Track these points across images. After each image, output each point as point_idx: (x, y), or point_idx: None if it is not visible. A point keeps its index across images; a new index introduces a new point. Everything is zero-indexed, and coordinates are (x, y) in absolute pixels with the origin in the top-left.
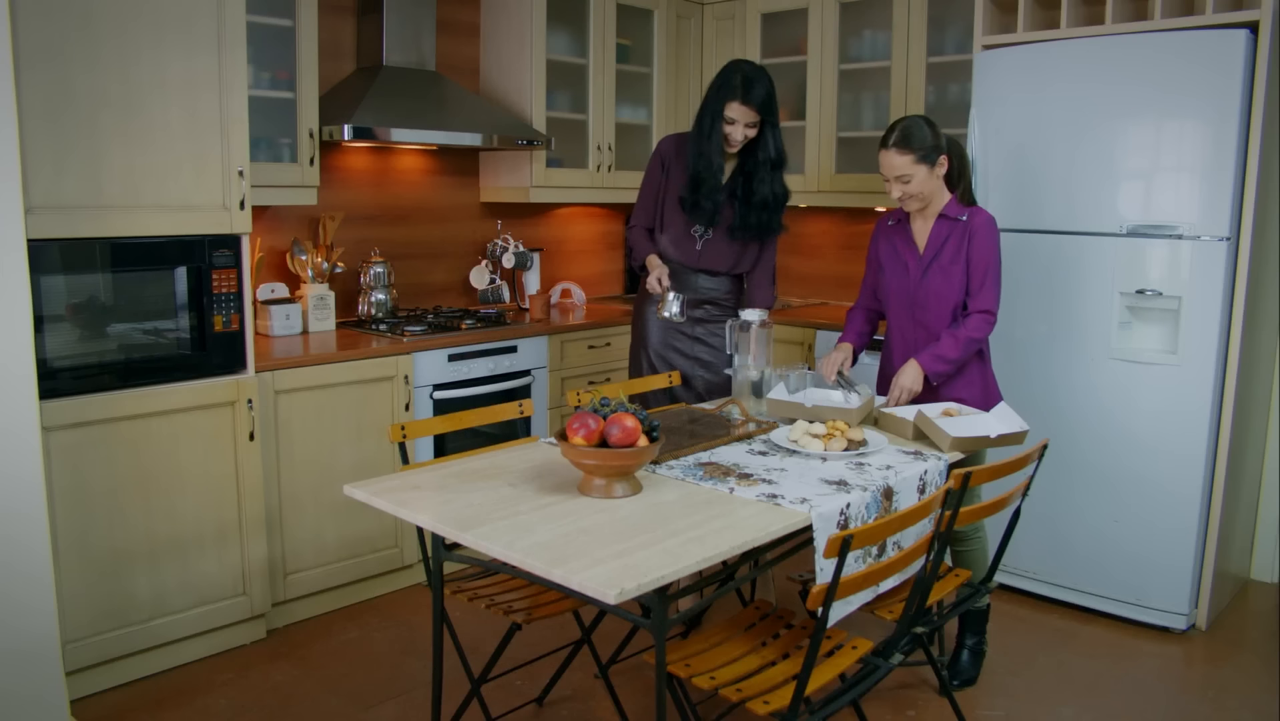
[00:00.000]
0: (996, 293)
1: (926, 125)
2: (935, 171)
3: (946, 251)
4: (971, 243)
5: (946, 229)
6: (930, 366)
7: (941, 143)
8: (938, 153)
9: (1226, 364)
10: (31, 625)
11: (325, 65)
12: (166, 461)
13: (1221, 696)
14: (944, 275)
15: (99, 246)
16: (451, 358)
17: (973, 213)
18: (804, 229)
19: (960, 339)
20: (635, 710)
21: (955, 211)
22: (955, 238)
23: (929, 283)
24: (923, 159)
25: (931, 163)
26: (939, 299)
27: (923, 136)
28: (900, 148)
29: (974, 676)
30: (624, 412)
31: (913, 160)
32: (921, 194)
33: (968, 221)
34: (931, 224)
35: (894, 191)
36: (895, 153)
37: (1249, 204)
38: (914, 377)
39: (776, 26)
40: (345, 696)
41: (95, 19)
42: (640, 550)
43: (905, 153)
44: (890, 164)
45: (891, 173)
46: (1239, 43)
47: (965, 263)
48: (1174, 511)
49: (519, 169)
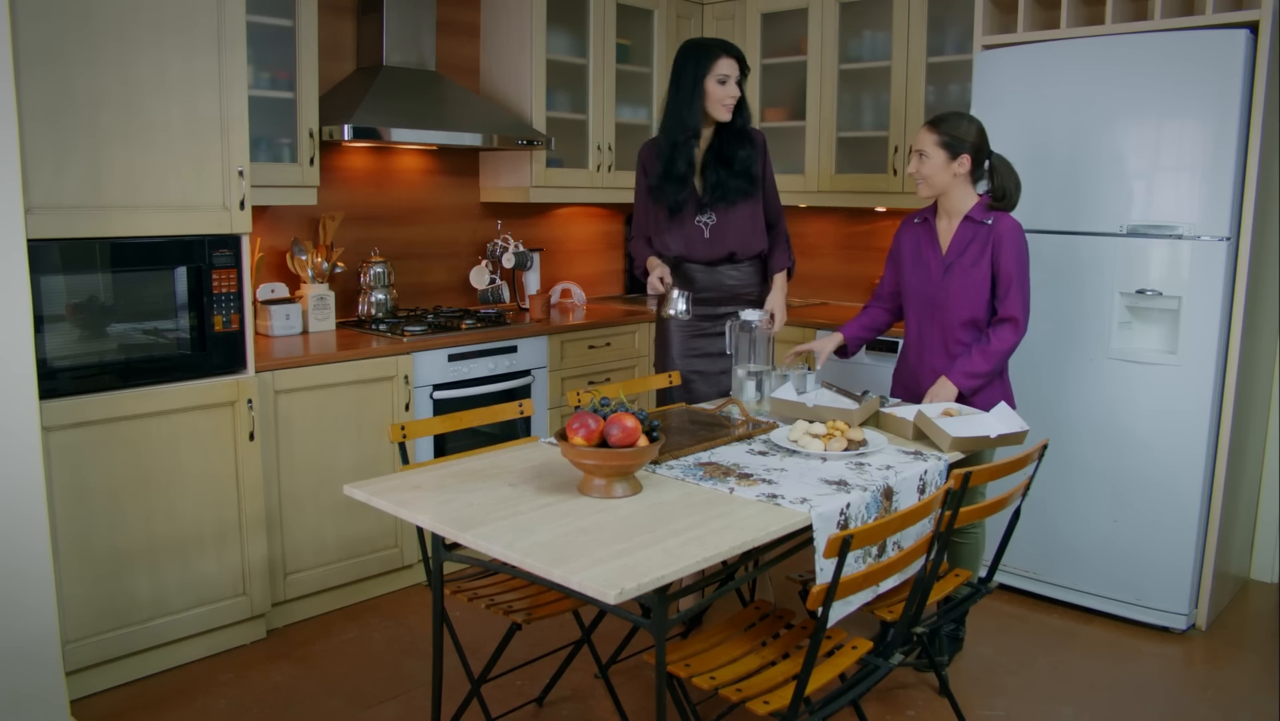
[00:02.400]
0: (1024, 300)
1: (968, 122)
2: (951, 165)
3: (969, 254)
4: (999, 250)
5: (970, 231)
6: (963, 384)
7: (977, 143)
8: (961, 146)
9: (1226, 364)
10: (31, 625)
11: (325, 65)
12: (166, 461)
13: (1221, 696)
14: (965, 277)
15: (99, 246)
16: (451, 358)
17: (998, 218)
18: (804, 229)
19: (990, 353)
20: (635, 710)
21: (981, 215)
22: (979, 241)
23: (949, 283)
24: (944, 145)
25: (952, 153)
26: (958, 300)
27: (956, 125)
28: (933, 125)
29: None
30: (624, 413)
31: (935, 141)
32: (931, 179)
33: (993, 226)
34: (956, 224)
35: (911, 163)
36: (928, 129)
37: (1249, 204)
38: (948, 395)
39: (776, 26)
40: (345, 696)
41: (95, 19)
42: (640, 550)
43: (933, 131)
44: (920, 136)
45: (917, 144)
46: (1239, 43)
47: (990, 268)
48: (1174, 511)
49: (519, 169)
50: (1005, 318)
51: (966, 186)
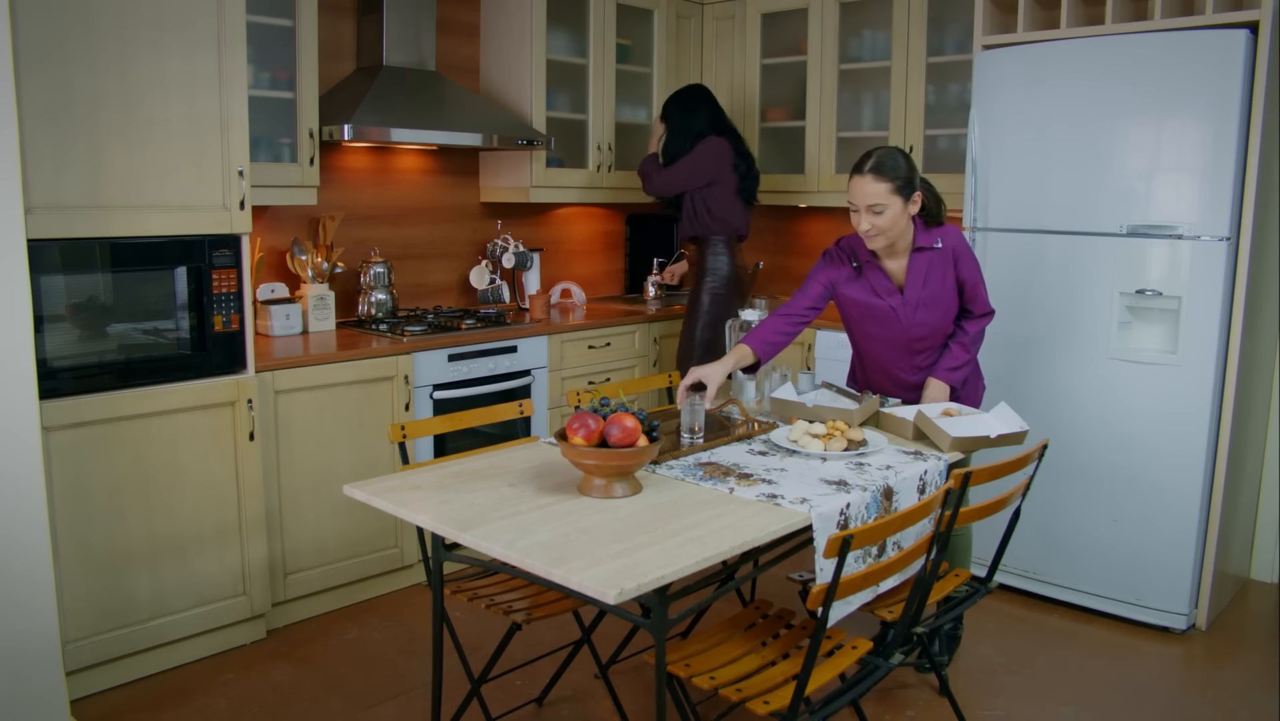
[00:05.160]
0: (986, 293)
1: (902, 157)
2: (908, 209)
3: (932, 282)
4: (958, 265)
5: (925, 261)
6: (951, 379)
7: (915, 178)
8: (912, 188)
9: (1226, 364)
10: (31, 625)
11: (325, 65)
12: (166, 461)
13: (1221, 696)
14: (935, 306)
15: (99, 246)
16: (451, 358)
17: (944, 235)
18: (803, 229)
19: (967, 341)
20: (635, 710)
21: (928, 240)
22: (937, 266)
23: (922, 319)
24: (899, 190)
25: (906, 196)
26: (934, 330)
27: (896, 165)
28: (877, 174)
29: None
30: (624, 413)
31: (889, 190)
32: (890, 230)
33: (944, 246)
34: (905, 260)
35: (862, 223)
36: (872, 179)
37: (1249, 204)
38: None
39: (776, 26)
40: (345, 696)
41: (95, 18)
42: (640, 550)
43: (883, 180)
44: (864, 190)
45: (864, 201)
46: (1239, 43)
47: (955, 284)
48: (1174, 511)
49: (519, 169)
50: (980, 314)
51: (911, 222)
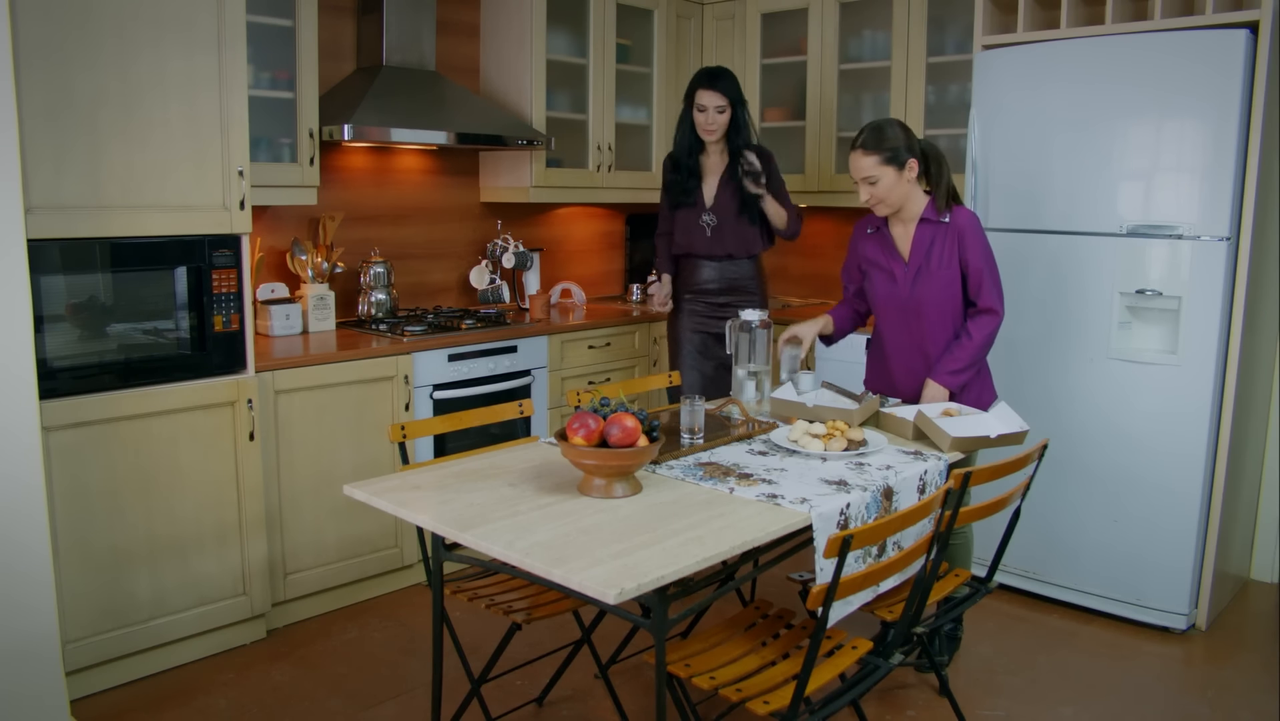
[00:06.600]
0: (998, 288)
1: (897, 127)
2: (904, 175)
3: (934, 257)
4: (963, 245)
5: (930, 233)
6: (949, 383)
7: (913, 145)
8: (907, 154)
9: (1226, 364)
10: (31, 625)
11: (325, 65)
12: (166, 461)
13: (1221, 696)
14: (935, 281)
15: (99, 246)
16: (451, 358)
17: (955, 213)
18: (804, 229)
19: (970, 345)
20: (635, 710)
21: (934, 214)
22: (941, 241)
23: (920, 291)
24: (889, 160)
25: (900, 164)
26: (934, 305)
27: (891, 137)
28: (867, 148)
29: (945, 661)
30: (624, 413)
31: (879, 161)
32: (889, 198)
33: (951, 223)
34: (913, 229)
35: (863, 194)
36: (862, 153)
37: (1249, 204)
38: (940, 399)
39: (776, 26)
40: (345, 696)
41: (95, 18)
42: (640, 550)
43: (871, 153)
44: (858, 165)
45: (859, 174)
46: (1239, 43)
47: (959, 266)
48: (1174, 511)
49: (519, 169)
50: (984, 309)
51: (917, 188)
